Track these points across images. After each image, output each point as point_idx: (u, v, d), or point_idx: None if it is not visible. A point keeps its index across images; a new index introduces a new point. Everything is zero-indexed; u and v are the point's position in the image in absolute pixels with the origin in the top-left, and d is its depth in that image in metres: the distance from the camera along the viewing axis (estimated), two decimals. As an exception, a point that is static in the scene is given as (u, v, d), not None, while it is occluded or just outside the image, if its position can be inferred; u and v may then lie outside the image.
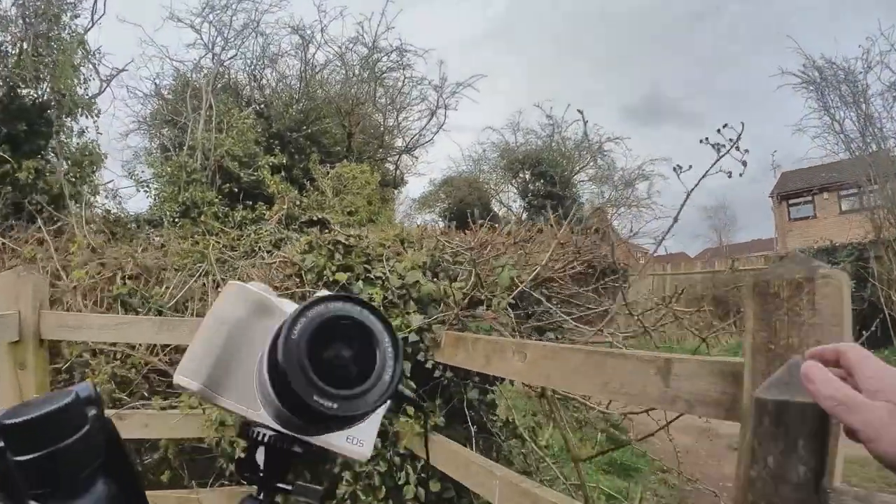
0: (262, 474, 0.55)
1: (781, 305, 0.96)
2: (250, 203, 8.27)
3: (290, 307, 0.58)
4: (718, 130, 2.06)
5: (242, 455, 0.57)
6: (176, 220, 8.46)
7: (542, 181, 18.19)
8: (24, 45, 6.36)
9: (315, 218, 6.25)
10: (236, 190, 8.75)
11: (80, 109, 6.94)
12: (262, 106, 12.44)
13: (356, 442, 0.60)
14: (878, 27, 10.53)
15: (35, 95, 6.56)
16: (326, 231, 3.70)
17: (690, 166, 2.16)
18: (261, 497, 0.55)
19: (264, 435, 0.54)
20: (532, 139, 19.43)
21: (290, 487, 0.57)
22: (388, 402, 0.51)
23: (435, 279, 2.77)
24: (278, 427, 0.54)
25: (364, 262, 2.77)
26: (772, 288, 0.98)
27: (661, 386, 1.16)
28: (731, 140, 2.06)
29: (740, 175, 2.17)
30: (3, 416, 0.42)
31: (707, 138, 2.09)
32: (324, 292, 0.51)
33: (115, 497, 0.48)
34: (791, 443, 0.65)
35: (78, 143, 7.19)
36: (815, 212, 20.12)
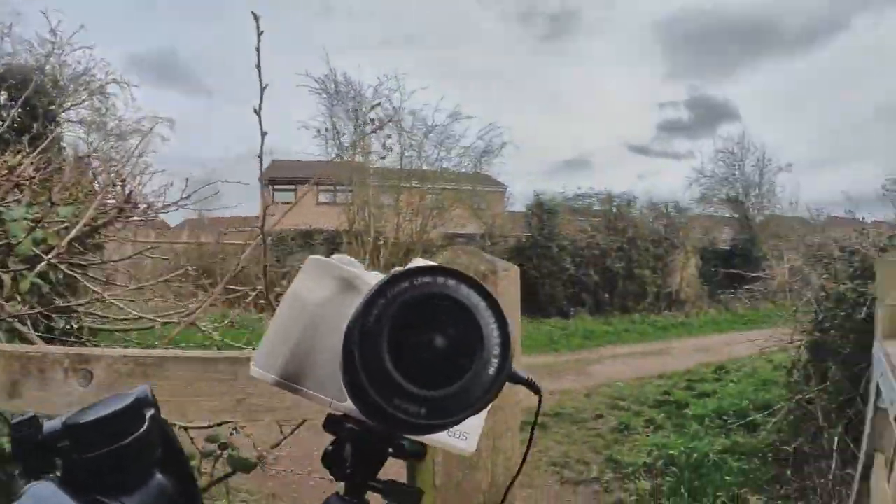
0: (349, 472, 0.49)
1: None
2: None
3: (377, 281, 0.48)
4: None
5: (330, 447, 0.50)
6: None
7: (22, 110, 13.67)
8: None
9: None
10: None
11: None
12: None
13: (459, 435, 0.50)
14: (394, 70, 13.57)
15: None
16: None
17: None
18: (347, 498, 0.49)
19: (350, 431, 0.48)
20: (24, 53, 14.24)
21: (380, 486, 0.49)
22: (493, 400, 0.42)
23: None
24: (367, 421, 0.44)
25: None
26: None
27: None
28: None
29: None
30: (71, 418, 0.46)
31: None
32: (420, 261, 0.44)
33: (170, 492, 0.48)
34: None
35: None
36: (296, 199, 23.35)
